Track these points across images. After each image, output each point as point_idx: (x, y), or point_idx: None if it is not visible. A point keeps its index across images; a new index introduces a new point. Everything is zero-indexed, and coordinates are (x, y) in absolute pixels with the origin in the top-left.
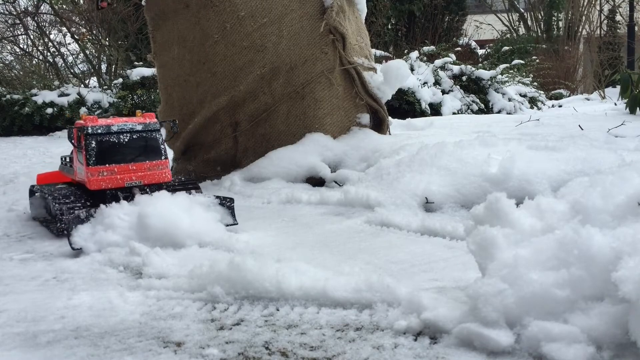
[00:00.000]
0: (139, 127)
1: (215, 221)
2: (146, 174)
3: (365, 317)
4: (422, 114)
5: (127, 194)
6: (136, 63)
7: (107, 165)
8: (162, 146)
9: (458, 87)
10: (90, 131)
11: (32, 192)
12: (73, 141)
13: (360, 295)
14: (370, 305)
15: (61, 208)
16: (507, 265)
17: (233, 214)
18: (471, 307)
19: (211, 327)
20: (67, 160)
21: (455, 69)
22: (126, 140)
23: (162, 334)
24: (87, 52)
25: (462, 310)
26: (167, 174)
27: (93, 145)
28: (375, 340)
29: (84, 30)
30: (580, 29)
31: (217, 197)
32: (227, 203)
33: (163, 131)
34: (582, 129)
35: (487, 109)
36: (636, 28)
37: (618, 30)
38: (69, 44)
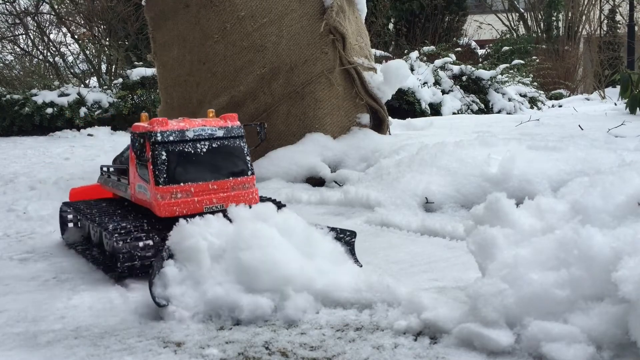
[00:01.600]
0: (220, 133)
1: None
2: (229, 194)
3: (365, 317)
4: (422, 114)
5: None
6: (136, 63)
7: (181, 184)
8: (248, 158)
9: (458, 87)
10: (159, 138)
11: (64, 211)
12: (138, 152)
13: (360, 295)
14: (370, 305)
15: (129, 247)
16: (507, 265)
17: (353, 252)
18: (471, 307)
19: (211, 327)
20: (111, 170)
21: (455, 69)
22: (204, 149)
23: (162, 334)
24: (87, 52)
25: (462, 310)
26: (254, 194)
27: (164, 157)
28: (375, 341)
29: (84, 30)
30: (580, 29)
31: (332, 228)
32: (345, 237)
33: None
34: (582, 129)
35: (487, 109)
36: (636, 28)
37: (618, 30)
38: (69, 44)
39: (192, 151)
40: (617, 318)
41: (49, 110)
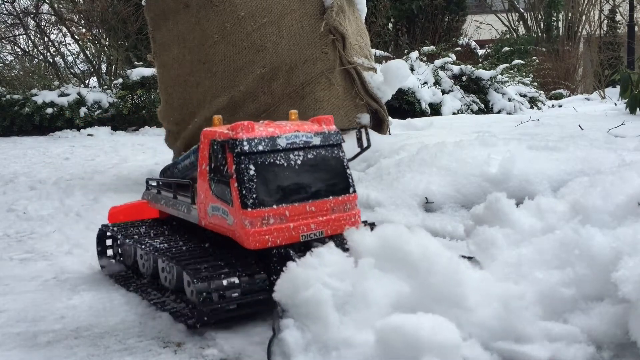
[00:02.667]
0: (317, 140)
1: None
2: (330, 218)
3: None
4: (422, 114)
5: (303, 253)
6: (136, 63)
7: (274, 206)
8: (348, 171)
9: (458, 87)
10: (246, 148)
11: (102, 235)
12: (218, 164)
13: None
14: None
15: (210, 287)
16: (510, 265)
17: None
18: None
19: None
20: (159, 185)
21: (455, 69)
22: (299, 161)
23: (162, 334)
24: (87, 52)
25: None
26: (357, 217)
27: (252, 171)
28: None
29: (84, 30)
30: (580, 29)
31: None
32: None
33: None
34: (582, 129)
35: (487, 109)
36: (636, 28)
37: (618, 30)
38: (69, 44)
39: (285, 164)
40: (617, 318)
41: (49, 110)
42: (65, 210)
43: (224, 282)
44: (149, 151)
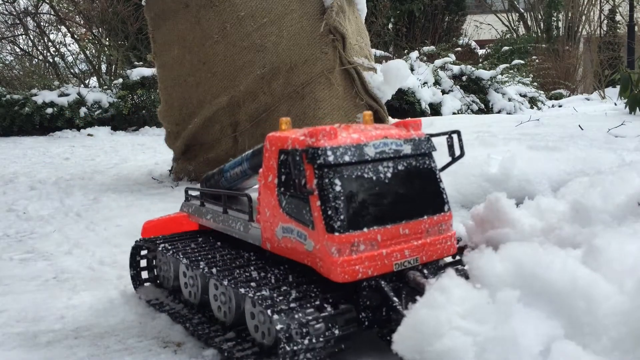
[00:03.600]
0: (408, 149)
1: None
2: (425, 242)
3: None
4: (422, 114)
5: (396, 284)
6: (136, 63)
7: (364, 229)
8: (442, 185)
9: (458, 87)
10: (331, 159)
11: (136, 253)
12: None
13: None
14: None
15: (294, 325)
16: None
17: None
18: None
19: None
20: (203, 196)
21: (455, 69)
22: (388, 174)
23: (162, 334)
24: (87, 52)
25: None
26: (452, 239)
27: (338, 187)
28: None
29: (84, 30)
30: (580, 29)
31: None
32: None
33: None
34: (582, 129)
35: (487, 109)
36: (636, 28)
37: (618, 30)
38: (69, 44)
39: (374, 177)
40: None
41: (49, 110)
42: (65, 210)
43: (309, 319)
44: (149, 151)
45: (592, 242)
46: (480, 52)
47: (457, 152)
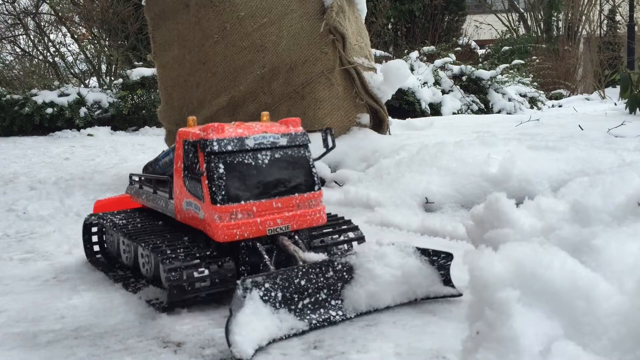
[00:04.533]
0: (284, 141)
1: None
2: (295, 214)
3: None
4: (422, 114)
5: (268, 245)
6: (136, 63)
7: (242, 202)
8: (314, 170)
9: (458, 87)
10: (216, 148)
11: (88, 226)
12: (191, 163)
13: None
14: None
15: (182, 277)
16: None
17: (447, 278)
18: None
19: (213, 324)
20: (141, 180)
21: (455, 69)
22: (266, 161)
23: (162, 334)
24: (87, 52)
25: None
26: (321, 212)
27: (221, 170)
28: None
29: (84, 30)
30: (580, 29)
31: (421, 250)
32: (439, 260)
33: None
34: (582, 129)
35: (487, 109)
36: (636, 28)
37: (618, 30)
38: (69, 44)
39: (253, 163)
40: None
41: (49, 110)
42: (65, 210)
43: (195, 274)
44: (149, 151)
45: (592, 242)
46: (480, 52)
47: (330, 145)
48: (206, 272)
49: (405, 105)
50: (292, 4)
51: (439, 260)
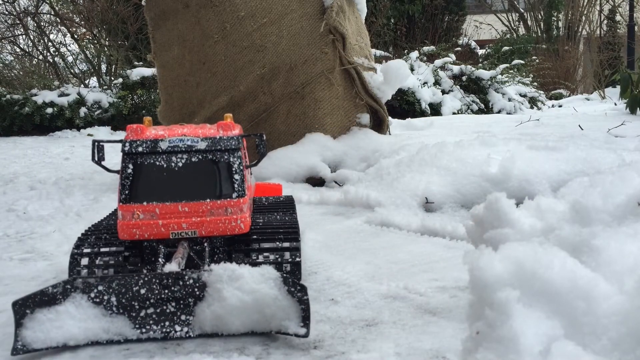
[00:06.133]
0: (203, 145)
1: None
2: (204, 220)
3: None
4: (422, 114)
5: (173, 248)
6: (136, 63)
7: (144, 203)
8: (236, 176)
9: (458, 87)
10: (127, 148)
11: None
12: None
13: None
14: None
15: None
16: None
17: (306, 315)
18: None
19: None
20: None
21: (455, 69)
22: (180, 164)
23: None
24: (87, 52)
25: None
26: (238, 221)
27: (129, 170)
28: None
29: (84, 30)
30: (580, 29)
31: (283, 278)
32: (296, 292)
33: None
34: (582, 129)
35: (487, 109)
36: (636, 28)
37: (618, 30)
38: (69, 44)
39: (165, 165)
40: None
41: (49, 110)
42: (65, 210)
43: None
44: None
45: (592, 242)
46: (480, 52)
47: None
48: (106, 259)
49: (405, 105)
50: (292, 4)
51: (297, 293)
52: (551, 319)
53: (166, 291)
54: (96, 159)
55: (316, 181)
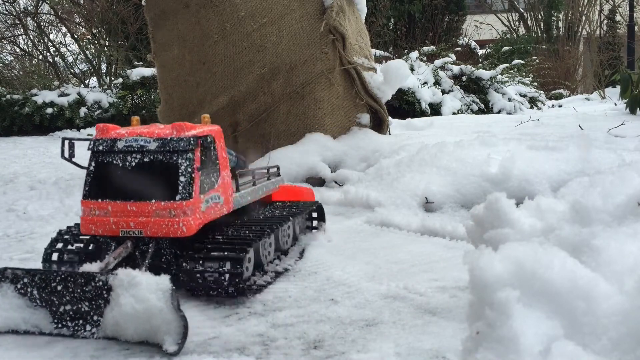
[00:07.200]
0: (154, 145)
1: None
2: (149, 220)
3: None
4: (422, 114)
5: (125, 246)
6: (136, 63)
7: (99, 200)
8: (183, 178)
9: (458, 87)
10: (91, 147)
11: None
12: None
13: None
14: None
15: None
16: None
17: (183, 333)
18: None
19: (213, 324)
20: None
21: (455, 69)
22: (134, 164)
23: None
24: (87, 52)
25: None
26: (181, 224)
27: (91, 168)
28: None
29: (84, 30)
30: (580, 29)
31: (173, 292)
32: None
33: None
34: (582, 129)
35: (487, 109)
36: (636, 28)
37: (618, 30)
38: (69, 44)
39: (120, 164)
40: None
41: (49, 110)
42: (65, 210)
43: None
44: None
45: (592, 242)
46: (480, 52)
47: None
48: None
49: (405, 105)
50: (292, 4)
51: (179, 310)
52: (551, 319)
53: (79, 290)
54: (66, 155)
55: (316, 181)
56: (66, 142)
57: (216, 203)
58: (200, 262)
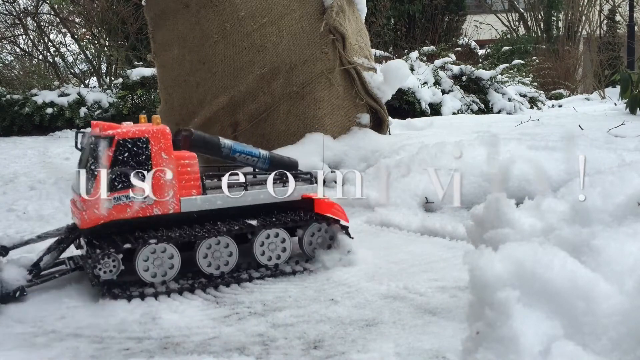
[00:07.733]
0: (92, 142)
1: None
2: (79, 211)
3: None
4: (422, 114)
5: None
6: (136, 63)
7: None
8: (89, 174)
9: (458, 87)
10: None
11: None
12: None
13: None
14: None
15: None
16: None
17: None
18: None
19: (213, 324)
20: None
21: (455, 69)
22: (84, 159)
23: (162, 334)
24: (87, 52)
25: None
26: (87, 216)
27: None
28: None
29: (84, 30)
30: (580, 29)
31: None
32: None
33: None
34: (582, 129)
35: (487, 109)
36: (636, 28)
37: (618, 30)
38: (69, 44)
39: (81, 159)
40: None
41: (49, 110)
42: (65, 210)
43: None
44: None
45: (592, 242)
46: (480, 52)
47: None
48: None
49: (405, 105)
50: (292, 4)
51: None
52: (551, 319)
53: None
54: (79, 146)
55: None
56: (79, 135)
57: (133, 202)
58: (83, 255)
